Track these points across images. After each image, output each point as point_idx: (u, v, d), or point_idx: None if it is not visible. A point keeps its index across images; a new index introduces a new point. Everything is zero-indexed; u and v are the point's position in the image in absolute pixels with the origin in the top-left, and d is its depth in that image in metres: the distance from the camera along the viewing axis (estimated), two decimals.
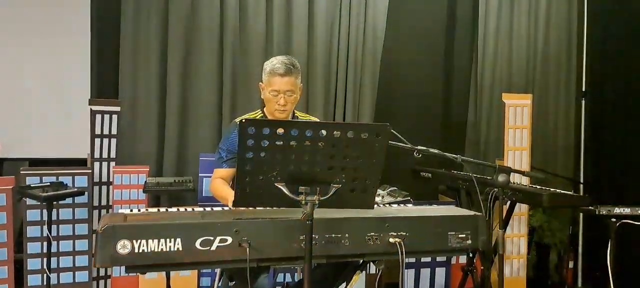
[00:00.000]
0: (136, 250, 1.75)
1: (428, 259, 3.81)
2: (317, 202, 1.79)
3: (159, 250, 1.77)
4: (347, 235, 1.95)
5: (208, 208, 2.18)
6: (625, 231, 2.98)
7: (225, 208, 2.25)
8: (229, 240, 1.83)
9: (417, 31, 4.65)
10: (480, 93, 4.62)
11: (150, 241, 1.77)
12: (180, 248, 1.79)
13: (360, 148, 1.80)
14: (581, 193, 4.54)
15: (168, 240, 1.78)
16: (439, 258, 3.84)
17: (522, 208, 3.91)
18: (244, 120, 1.73)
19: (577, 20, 4.81)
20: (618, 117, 4.31)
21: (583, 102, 4.76)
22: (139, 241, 1.76)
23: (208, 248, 1.82)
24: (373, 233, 1.97)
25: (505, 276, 3.93)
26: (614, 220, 2.84)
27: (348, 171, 1.83)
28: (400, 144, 2.16)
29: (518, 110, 3.87)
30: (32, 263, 3.32)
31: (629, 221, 2.82)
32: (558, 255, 4.53)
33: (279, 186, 1.80)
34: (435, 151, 2.22)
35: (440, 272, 3.84)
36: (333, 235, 1.94)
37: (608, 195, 3.92)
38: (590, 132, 4.66)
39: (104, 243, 1.73)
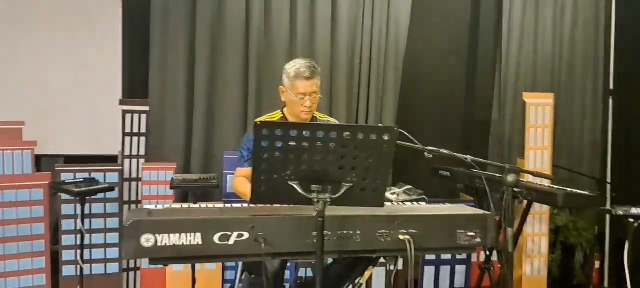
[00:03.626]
0: (159, 243, 1.87)
1: (448, 256, 3.86)
2: (328, 200, 1.88)
3: (180, 243, 1.88)
4: (358, 232, 2.02)
5: (228, 205, 2.28)
6: None
7: (244, 205, 2.35)
8: (245, 235, 1.93)
9: (440, 30, 4.66)
10: (504, 91, 4.61)
11: (172, 235, 1.88)
12: (200, 242, 1.90)
13: (369, 149, 1.88)
14: (608, 193, 4.50)
15: (188, 234, 1.89)
16: (458, 256, 3.88)
17: (543, 208, 3.91)
18: (258, 122, 1.82)
19: (604, 16, 4.74)
20: None
21: (610, 100, 4.70)
22: (161, 235, 1.87)
23: (226, 242, 1.92)
24: (383, 230, 2.04)
25: (526, 274, 3.95)
26: (631, 220, 2.83)
27: (358, 170, 1.91)
28: (411, 144, 2.23)
29: (539, 109, 3.86)
30: (67, 254, 3.51)
31: None
32: (584, 255, 4.49)
33: (293, 185, 1.89)
34: (445, 151, 2.27)
35: (460, 269, 3.88)
36: (345, 232, 2.01)
37: (636, 195, 3.86)
38: (617, 131, 4.60)
39: (129, 237, 1.85)
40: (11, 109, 3.62)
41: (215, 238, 1.92)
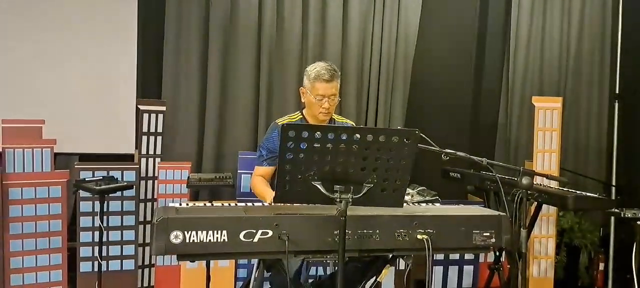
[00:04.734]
0: (187, 240, 1.94)
1: (456, 257, 3.92)
2: (350, 200, 1.95)
3: (207, 240, 1.96)
4: (377, 231, 2.10)
5: (249, 204, 2.35)
6: None
7: (265, 204, 2.42)
8: (270, 233, 2.01)
9: (448, 34, 4.72)
10: (511, 95, 4.67)
11: (199, 232, 1.95)
12: (226, 240, 1.98)
13: (390, 152, 1.95)
14: (613, 196, 4.56)
15: (215, 232, 1.97)
16: (467, 256, 3.94)
17: (550, 210, 3.97)
18: (284, 125, 1.89)
19: (611, 21, 4.80)
20: None
21: (616, 104, 4.76)
22: (190, 232, 1.94)
23: (251, 240, 1.99)
24: (402, 230, 2.11)
25: (533, 276, 4.02)
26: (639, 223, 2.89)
27: (379, 172, 1.99)
28: (430, 147, 2.30)
29: (548, 113, 3.93)
30: (84, 251, 3.58)
31: None
32: (589, 257, 4.55)
33: (316, 185, 1.96)
34: (462, 154, 2.34)
35: (468, 270, 3.95)
36: (365, 231, 2.09)
37: None
38: (623, 135, 4.66)
39: (159, 234, 1.92)
40: (31, 108, 3.68)
41: (241, 235, 1.99)
